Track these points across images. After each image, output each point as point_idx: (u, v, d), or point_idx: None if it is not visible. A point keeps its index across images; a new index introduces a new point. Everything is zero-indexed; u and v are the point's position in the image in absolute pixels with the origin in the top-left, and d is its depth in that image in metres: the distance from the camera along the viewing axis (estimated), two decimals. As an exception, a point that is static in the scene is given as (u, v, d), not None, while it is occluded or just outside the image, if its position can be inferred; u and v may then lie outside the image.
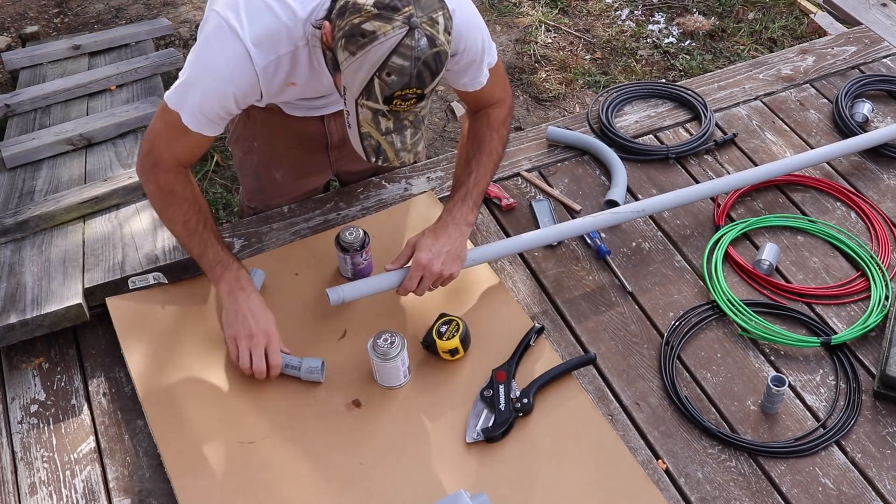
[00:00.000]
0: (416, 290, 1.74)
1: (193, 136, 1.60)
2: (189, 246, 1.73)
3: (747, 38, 3.97)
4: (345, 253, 1.82)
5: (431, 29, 1.39)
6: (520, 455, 1.61)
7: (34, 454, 1.66)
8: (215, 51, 1.53)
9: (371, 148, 1.49)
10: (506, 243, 1.89)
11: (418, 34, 1.38)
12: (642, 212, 1.96)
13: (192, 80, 1.57)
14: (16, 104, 2.85)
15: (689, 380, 1.77)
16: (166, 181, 1.68)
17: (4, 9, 4.28)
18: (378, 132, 1.47)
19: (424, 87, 1.42)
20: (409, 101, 1.43)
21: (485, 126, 1.82)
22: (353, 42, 1.39)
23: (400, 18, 1.37)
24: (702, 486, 1.59)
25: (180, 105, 1.58)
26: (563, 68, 3.86)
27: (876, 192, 2.15)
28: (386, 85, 1.39)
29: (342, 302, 1.73)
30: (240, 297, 1.69)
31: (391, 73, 1.38)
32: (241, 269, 1.73)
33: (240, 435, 1.64)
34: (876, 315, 1.85)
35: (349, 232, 1.83)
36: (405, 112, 1.45)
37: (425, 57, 1.39)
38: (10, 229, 2.00)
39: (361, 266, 1.87)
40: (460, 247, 1.76)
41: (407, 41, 1.37)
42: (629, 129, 2.33)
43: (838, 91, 2.39)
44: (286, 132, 1.98)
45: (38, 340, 1.84)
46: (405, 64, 1.38)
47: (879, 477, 1.61)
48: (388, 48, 1.37)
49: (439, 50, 1.41)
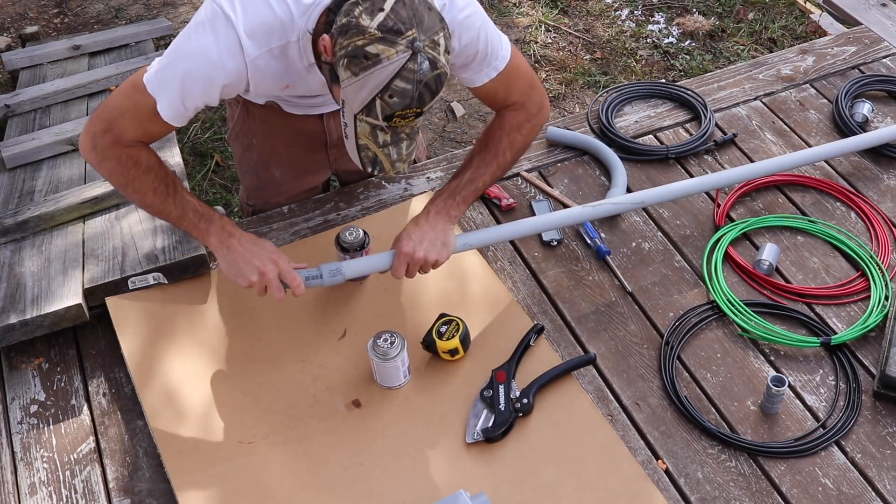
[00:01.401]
0: (406, 275, 1.74)
1: (162, 122, 1.58)
2: (165, 212, 1.68)
3: (747, 38, 3.97)
4: (345, 253, 1.82)
5: (433, 51, 1.40)
6: (520, 455, 1.61)
7: (34, 454, 1.66)
8: (207, 35, 1.51)
9: (368, 159, 1.51)
10: (499, 229, 1.87)
11: (421, 58, 1.39)
12: (641, 203, 1.95)
13: (178, 65, 1.54)
14: (16, 104, 2.85)
15: (689, 380, 1.77)
16: (128, 155, 1.62)
17: (4, 9, 4.28)
18: (375, 145, 1.48)
19: (424, 106, 1.44)
20: (408, 119, 1.45)
21: (497, 127, 1.82)
22: (356, 63, 1.39)
23: (403, 42, 1.37)
24: (702, 486, 1.59)
25: (159, 91, 1.55)
26: (563, 68, 3.86)
27: (876, 193, 2.15)
28: (387, 105, 1.41)
29: (343, 278, 1.72)
30: (232, 244, 1.67)
31: (393, 95, 1.40)
32: (223, 217, 1.70)
33: (240, 435, 1.64)
34: (876, 315, 1.85)
35: (349, 232, 1.83)
36: (403, 127, 1.47)
37: (427, 79, 1.40)
38: (10, 229, 2.00)
39: None
40: (442, 234, 1.75)
41: (410, 65, 1.38)
42: (629, 130, 2.33)
43: (838, 91, 2.39)
44: (285, 130, 1.98)
45: (37, 341, 1.84)
46: (407, 87, 1.39)
47: (879, 477, 1.61)
48: (391, 72, 1.38)
49: (440, 72, 1.43)
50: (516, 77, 1.78)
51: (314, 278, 1.70)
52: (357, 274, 1.77)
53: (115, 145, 1.61)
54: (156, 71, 1.56)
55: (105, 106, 1.63)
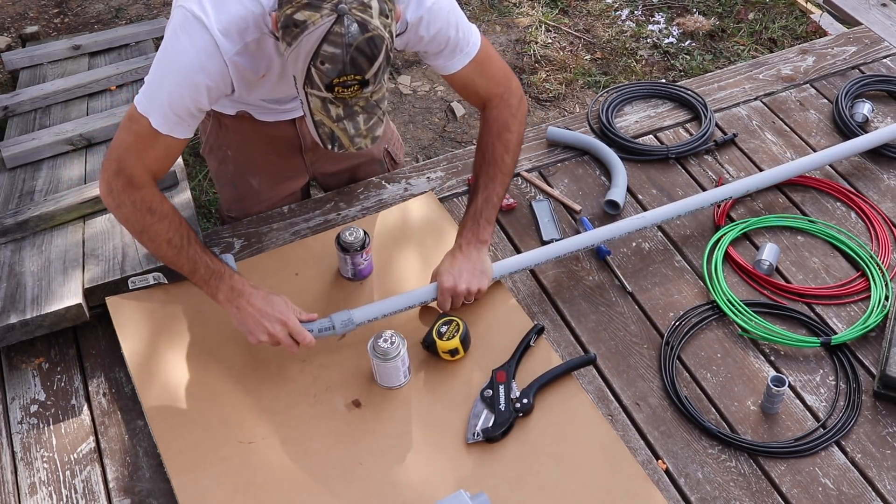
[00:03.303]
0: (452, 308, 1.79)
1: (164, 140, 1.57)
2: (178, 264, 1.66)
3: (747, 38, 3.96)
4: (345, 253, 1.82)
5: (363, 14, 1.38)
6: (520, 455, 1.61)
7: (34, 454, 1.66)
8: (182, 42, 1.51)
9: (325, 135, 1.50)
10: (537, 252, 1.88)
11: (347, 20, 1.37)
12: (657, 221, 1.98)
13: (161, 76, 1.55)
14: (16, 104, 2.85)
15: (689, 380, 1.77)
16: (142, 200, 1.61)
17: (4, 9, 4.28)
18: (329, 119, 1.47)
19: (364, 73, 1.41)
20: (351, 88, 1.42)
21: (486, 135, 1.83)
22: (289, 33, 1.39)
23: (328, 6, 1.36)
24: (702, 486, 1.59)
25: (149, 108, 1.55)
26: (564, 68, 3.86)
27: (876, 193, 2.15)
28: (323, 73, 1.39)
29: (354, 325, 1.72)
30: (241, 304, 1.65)
31: (324, 61, 1.38)
32: (233, 276, 1.67)
33: (240, 435, 1.64)
34: (876, 315, 1.85)
35: (349, 232, 1.83)
36: (353, 98, 1.45)
37: (357, 43, 1.38)
38: (10, 229, 2.00)
39: (361, 266, 1.87)
40: (478, 262, 1.79)
41: (336, 28, 1.36)
42: (629, 130, 2.33)
43: (838, 91, 2.39)
44: (259, 138, 1.98)
45: (38, 340, 1.84)
46: (336, 52, 1.38)
47: (879, 477, 1.61)
48: (317, 37, 1.37)
49: (373, 35, 1.39)
50: (489, 64, 1.79)
51: (327, 330, 1.70)
52: (368, 318, 1.75)
53: (128, 188, 1.60)
54: (142, 91, 1.57)
55: (111, 147, 1.63)
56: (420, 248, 1.97)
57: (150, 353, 1.77)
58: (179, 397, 1.69)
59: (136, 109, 1.56)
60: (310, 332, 1.67)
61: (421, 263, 1.93)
